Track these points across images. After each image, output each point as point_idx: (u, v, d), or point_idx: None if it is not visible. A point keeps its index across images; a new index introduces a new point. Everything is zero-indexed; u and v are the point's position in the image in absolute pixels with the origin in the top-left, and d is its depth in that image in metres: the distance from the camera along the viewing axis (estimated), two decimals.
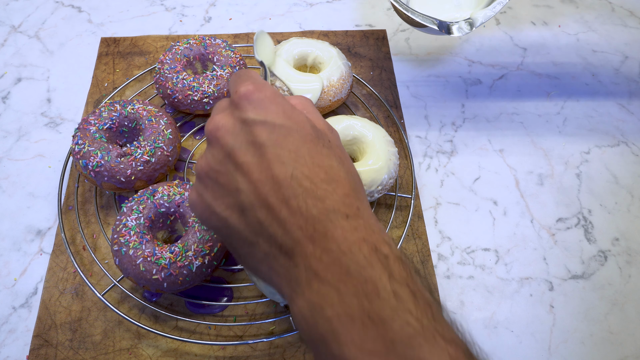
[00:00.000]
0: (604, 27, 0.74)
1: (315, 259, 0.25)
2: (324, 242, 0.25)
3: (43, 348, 0.45)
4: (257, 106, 0.28)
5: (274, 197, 0.26)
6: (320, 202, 0.26)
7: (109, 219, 0.53)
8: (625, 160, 0.60)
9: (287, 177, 0.26)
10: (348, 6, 0.75)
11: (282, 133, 0.27)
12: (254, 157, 0.27)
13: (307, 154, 0.27)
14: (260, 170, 0.27)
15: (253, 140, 0.27)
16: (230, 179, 0.28)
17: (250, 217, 0.27)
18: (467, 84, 0.67)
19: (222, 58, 0.58)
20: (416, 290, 0.24)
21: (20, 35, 0.69)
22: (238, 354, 0.46)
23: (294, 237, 0.25)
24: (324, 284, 0.24)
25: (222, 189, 0.28)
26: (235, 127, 0.28)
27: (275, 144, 0.27)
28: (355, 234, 0.25)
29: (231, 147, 0.28)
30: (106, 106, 0.52)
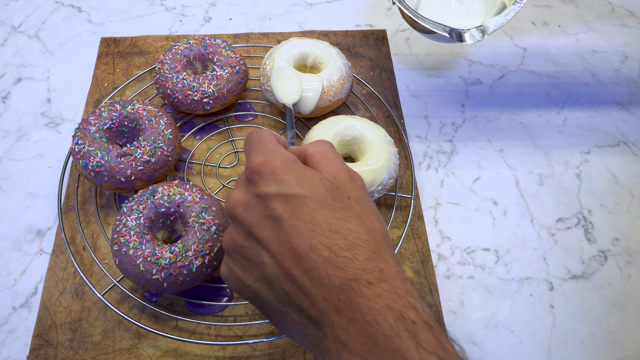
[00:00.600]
0: (604, 27, 0.74)
1: (342, 330, 0.25)
2: (349, 312, 0.25)
3: (43, 348, 0.45)
4: (268, 179, 0.29)
5: (296, 269, 0.27)
6: (342, 272, 0.26)
7: (109, 219, 0.52)
8: (625, 160, 0.60)
9: (306, 248, 0.27)
10: (348, 6, 0.75)
11: (296, 203, 0.28)
12: (272, 230, 0.28)
13: (323, 221, 0.27)
14: (280, 244, 0.27)
15: (270, 215, 0.28)
16: (254, 253, 0.29)
17: (277, 289, 0.28)
18: (467, 84, 0.67)
19: (222, 58, 0.58)
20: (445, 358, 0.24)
21: (20, 35, 0.69)
22: (238, 354, 0.46)
23: (320, 308, 0.26)
24: (353, 355, 0.25)
25: (249, 263, 0.29)
26: (251, 203, 0.29)
27: (290, 216, 0.28)
28: (380, 302, 0.25)
29: (250, 223, 0.29)
30: (106, 106, 0.52)
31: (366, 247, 0.27)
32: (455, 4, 0.59)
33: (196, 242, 0.44)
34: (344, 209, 0.29)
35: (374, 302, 0.25)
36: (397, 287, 0.26)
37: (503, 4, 0.54)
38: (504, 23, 0.51)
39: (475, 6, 0.58)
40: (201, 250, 0.44)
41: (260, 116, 0.61)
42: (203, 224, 0.45)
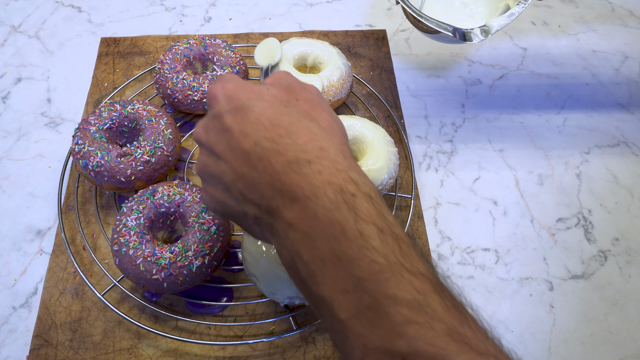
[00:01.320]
0: (604, 27, 0.74)
1: (286, 210, 0.26)
2: (291, 192, 0.26)
3: (43, 348, 0.45)
4: (222, 100, 0.31)
5: (244, 167, 0.28)
6: (282, 156, 0.27)
7: (109, 219, 0.52)
8: (625, 160, 0.60)
9: (252, 145, 0.28)
10: (348, 6, 0.75)
11: (244, 112, 0.29)
12: (225, 142, 0.30)
13: (266, 119, 0.29)
14: (232, 150, 0.29)
15: (222, 128, 0.30)
16: (216, 167, 0.30)
17: (234, 191, 0.29)
18: (467, 84, 0.67)
19: (222, 58, 0.58)
20: (384, 227, 0.25)
21: (20, 35, 0.69)
22: (238, 354, 0.46)
23: (267, 195, 0.27)
24: (297, 232, 0.26)
25: (214, 178, 0.31)
26: (209, 124, 0.31)
27: (238, 123, 0.29)
28: (319, 178, 0.26)
29: (209, 142, 0.31)
30: (106, 106, 0.52)
31: (307, 132, 0.28)
32: (459, 5, 0.59)
33: (196, 242, 0.44)
34: (289, 107, 0.31)
35: (313, 178, 0.26)
36: (338, 162, 0.27)
37: (507, 5, 0.54)
38: (507, 23, 0.51)
39: (479, 8, 0.58)
40: (201, 250, 0.44)
41: None
42: (203, 224, 0.45)
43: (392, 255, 0.24)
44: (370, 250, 0.24)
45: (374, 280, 0.24)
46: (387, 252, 0.24)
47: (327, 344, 0.46)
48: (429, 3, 0.59)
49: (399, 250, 0.25)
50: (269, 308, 0.48)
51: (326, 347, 0.46)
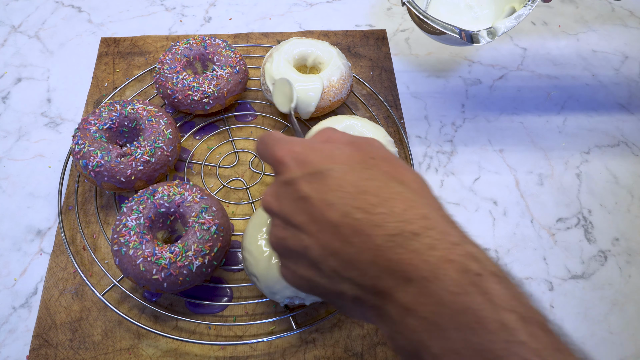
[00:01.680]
0: (604, 27, 0.74)
1: (400, 292, 0.23)
2: (402, 272, 0.23)
3: (43, 348, 0.45)
4: (292, 165, 0.28)
5: (336, 241, 0.25)
6: (381, 229, 0.24)
7: (109, 219, 0.52)
8: (625, 160, 0.60)
9: (340, 216, 0.25)
10: (348, 6, 0.75)
11: (321, 178, 0.27)
12: (305, 212, 0.27)
13: (350, 186, 0.26)
14: (315, 221, 0.26)
15: (299, 197, 0.27)
16: (296, 240, 0.27)
17: (325, 269, 0.26)
18: (467, 84, 0.67)
19: (222, 58, 0.58)
20: (526, 315, 0.21)
21: (20, 35, 0.69)
22: (238, 354, 0.46)
23: (371, 275, 0.24)
24: (418, 319, 0.23)
25: (294, 253, 0.28)
26: (280, 192, 0.28)
27: (318, 191, 0.26)
28: (434, 254, 0.23)
29: (284, 212, 0.28)
30: (106, 106, 0.52)
31: (401, 198, 0.25)
32: (464, 8, 0.59)
33: (196, 242, 0.44)
34: (369, 168, 0.27)
35: (427, 255, 0.23)
36: (449, 233, 0.24)
37: (513, 8, 0.54)
38: (514, 25, 0.51)
39: (484, 11, 0.58)
40: (201, 250, 0.44)
41: (260, 116, 0.61)
42: (203, 224, 0.45)
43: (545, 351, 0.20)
44: (518, 346, 0.20)
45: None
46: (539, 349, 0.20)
47: (326, 344, 0.46)
48: (433, 5, 0.59)
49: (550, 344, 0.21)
50: (269, 308, 0.48)
51: (326, 347, 0.46)
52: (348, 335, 0.47)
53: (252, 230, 0.45)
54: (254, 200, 0.54)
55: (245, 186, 0.55)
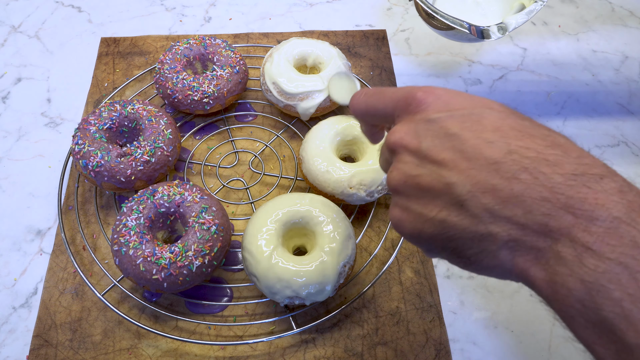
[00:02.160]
0: (604, 27, 0.74)
1: (582, 231, 0.21)
2: (587, 210, 0.21)
3: (43, 348, 0.45)
4: (436, 105, 0.27)
5: (496, 177, 0.23)
6: (559, 167, 0.22)
7: (109, 219, 0.53)
8: (625, 160, 0.60)
9: (504, 153, 0.23)
10: (348, 6, 0.75)
11: (474, 119, 0.25)
12: (453, 149, 0.25)
13: (511, 129, 0.24)
14: (468, 158, 0.24)
15: (446, 133, 0.25)
16: (435, 177, 0.25)
17: (474, 207, 0.24)
18: (467, 84, 0.67)
19: (222, 58, 0.58)
20: None
21: (20, 35, 0.69)
22: (238, 354, 0.46)
23: (541, 212, 0.22)
24: (603, 259, 0.21)
25: (429, 192, 0.26)
26: (420, 129, 0.26)
27: (472, 130, 0.25)
28: (625, 197, 0.21)
29: (424, 148, 0.26)
30: (106, 106, 0.52)
31: (572, 146, 0.24)
32: (472, 5, 0.58)
33: (196, 242, 0.44)
34: (527, 119, 0.25)
35: (618, 197, 0.21)
36: (632, 184, 0.22)
37: (521, 5, 0.54)
38: (525, 21, 0.50)
39: (492, 8, 0.57)
40: (201, 250, 0.44)
41: (260, 116, 0.61)
42: (203, 224, 0.45)
43: None
44: None
45: None
46: None
47: (326, 344, 0.46)
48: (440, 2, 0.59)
49: None
50: (269, 308, 0.48)
51: (326, 347, 0.46)
52: (348, 335, 0.47)
53: (252, 230, 0.45)
54: (254, 200, 0.54)
55: (245, 186, 0.55)
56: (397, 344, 0.46)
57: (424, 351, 0.46)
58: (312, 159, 0.50)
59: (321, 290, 0.43)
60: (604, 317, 0.21)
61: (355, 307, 0.48)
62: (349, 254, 0.44)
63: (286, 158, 0.58)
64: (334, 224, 0.45)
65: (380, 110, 0.31)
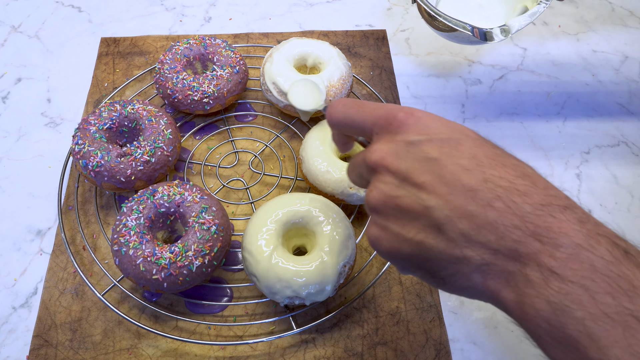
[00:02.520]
0: (604, 27, 0.74)
1: (547, 257, 0.23)
2: (553, 237, 0.23)
3: (43, 348, 0.45)
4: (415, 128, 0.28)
5: (472, 204, 0.25)
6: (528, 198, 0.24)
7: (109, 219, 0.53)
8: (625, 160, 0.60)
9: (479, 181, 0.25)
10: (348, 6, 0.75)
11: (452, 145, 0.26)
12: (433, 173, 0.26)
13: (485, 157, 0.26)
14: (446, 183, 0.25)
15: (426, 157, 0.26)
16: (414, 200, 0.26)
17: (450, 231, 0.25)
18: (467, 84, 0.67)
19: (222, 58, 0.58)
20: None
21: (20, 35, 0.69)
22: (238, 354, 0.46)
23: (512, 238, 0.24)
24: (566, 282, 0.23)
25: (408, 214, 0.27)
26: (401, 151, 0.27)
27: (450, 156, 0.26)
28: (585, 227, 0.23)
29: (404, 170, 0.27)
30: (106, 106, 0.52)
31: (538, 178, 0.26)
32: (475, 7, 0.58)
33: (196, 242, 0.44)
34: (497, 148, 0.27)
35: (579, 226, 0.23)
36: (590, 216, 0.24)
37: (525, 7, 0.54)
38: (528, 23, 0.50)
39: (495, 10, 0.57)
40: (201, 250, 0.44)
41: (260, 116, 0.61)
42: (203, 224, 0.45)
43: None
44: None
45: None
46: None
47: (326, 344, 0.46)
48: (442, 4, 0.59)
49: None
50: (269, 308, 0.48)
51: (326, 347, 0.46)
52: (348, 335, 0.47)
53: (252, 230, 0.45)
54: (254, 200, 0.54)
55: (245, 186, 0.55)
56: (397, 344, 0.46)
57: (424, 351, 0.46)
58: (312, 159, 0.50)
59: (321, 290, 0.43)
60: (569, 335, 0.22)
61: (355, 307, 0.48)
62: (349, 254, 0.44)
63: (286, 158, 0.58)
64: (334, 224, 0.45)
65: (357, 124, 0.32)
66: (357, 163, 0.32)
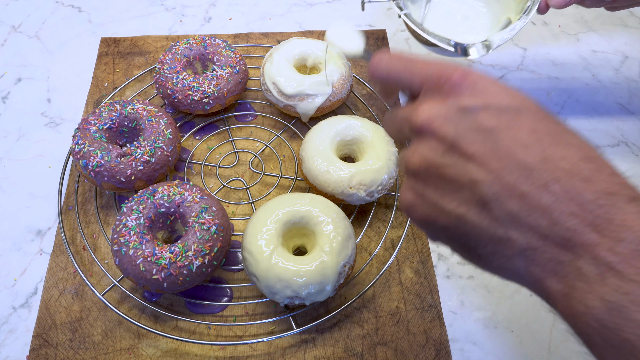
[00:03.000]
0: (604, 27, 0.74)
1: (606, 251, 0.21)
2: (614, 230, 0.21)
3: (43, 348, 0.45)
4: (471, 91, 0.25)
5: (526, 184, 0.23)
6: (593, 184, 0.22)
7: (109, 219, 0.53)
8: (625, 160, 0.60)
9: (538, 160, 0.23)
10: (348, 6, 0.75)
11: (511, 116, 0.24)
12: (486, 144, 0.24)
13: (548, 133, 0.24)
14: (499, 158, 0.23)
15: (480, 127, 0.24)
16: (460, 170, 0.24)
17: (497, 210, 0.23)
18: None
19: (222, 58, 0.58)
20: None
21: (20, 35, 0.69)
22: (238, 354, 0.46)
23: (567, 226, 0.22)
24: (626, 280, 0.21)
25: (451, 184, 0.25)
26: (452, 115, 0.25)
27: (508, 128, 0.24)
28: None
29: (454, 137, 0.25)
30: (106, 106, 0.52)
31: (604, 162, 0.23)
32: (460, 19, 0.59)
33: (196, 242, 0.44)
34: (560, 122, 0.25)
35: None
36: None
37: (508, 19, 0.55)
38: (509, 38, 0.52)
39: (480, 21, 0.58)
40: (201, 250, 0.44)
41: (260, 116, 0.61)
42: (203, 224, 0.45)
43: None
44: None
45: None
46: None
47: (326, 344, 0.46)
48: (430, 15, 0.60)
49: None
50: (269, 308, 0.48)
51: (326, 347, 0.46)
52: (348, 335, 0.47)
53: (252, 230, 0.45)
54: (254, 200, 0.54)
55: (245, 186, 0.55)
56: (397, 344, 0.46)
57: (424, 351, 0.46)
58: (312, 159, 0.50)
59: (321, 290, 0.43)
60: (624, 339, 0.20)
61: (355, 307, 0.48)
62: (349, 254, 0.44)
63: (286, 158, 0.58)
64: (334, 224, 0.45)
65: (404, 80, 0.29)
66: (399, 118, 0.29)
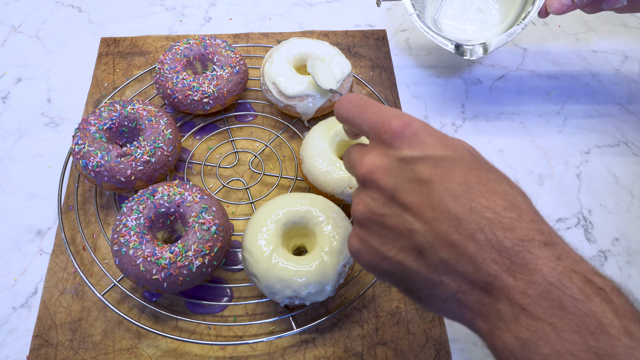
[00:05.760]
0: (604, 27, 0.74)
1: (519, 293, 0.24)
2: (527, 274, 0.24)
3: (43, 348, 0.45)
4: (411, 142, 0.27)
5: (455, 233, 0.25)
6: (511, 232, 0.24)
7: (109, 219, 0.53)
8: (625, 160, 0.60)
9: (466, 210, 0.25)
10: (348, 6, 0.75)
11: (445, 166, 0.26)
12: (421, 195, 0.26)
13: (477, 182, 0.26)
14: (433, 208, 0.25)
15: (416, 178, 0.26)
16: (399, 220, 0.26)
17: (431, 257, 0.26)
18: (467, 84, 0.67)
19: (222, 58, 0.58)
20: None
21: (20, 35, 0.69)
22: (238, 354, 0.46)
23: (488, 272, 0.24)
24: (535, 319, 0.23)
25: (391, 233, 0.27)
26: (393, 167, 0.27)
27: (441, 179, 0.26)
28: (561, 264, 0.24)
29: (393, 188, 0.27)
30: (106, 106, 0.52)
31: (527, 209, 0.26)
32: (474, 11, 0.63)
33: (196, 242, 0.44)
34: (491, 171, 0.27)
35: (554, 263, 0.24)
36: (570, 251, 0.25)
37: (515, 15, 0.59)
38: (505, 42, 0.55)
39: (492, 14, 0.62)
40: (201, 250, 0.44)
41: (260, 116, 0.61)
42: (203, 224, 0.45)
43: None
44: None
45: None
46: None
47: (326, 344, 0.46)
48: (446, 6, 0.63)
49: None
50: (269, 308, 0.48)
51: (326, 347, 0.46)
52: (348, 335, 0.47)
53: (252, 230, 0.45)
54: (254, 200, 0.54)
55: (245, 186, 0.55)
56: (397, 344, 0.46)
57: (424, 351, 0.46)
58: (312, 159, 0.50)
59: (321, 290, 0.43)
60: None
61: (355, 307, 0.48)
62: (349, 254, 0.44)
63: (286, 158, 0.58)
64: (334, 224, 0.45)
65: (357, 125, 0.31)
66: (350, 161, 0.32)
